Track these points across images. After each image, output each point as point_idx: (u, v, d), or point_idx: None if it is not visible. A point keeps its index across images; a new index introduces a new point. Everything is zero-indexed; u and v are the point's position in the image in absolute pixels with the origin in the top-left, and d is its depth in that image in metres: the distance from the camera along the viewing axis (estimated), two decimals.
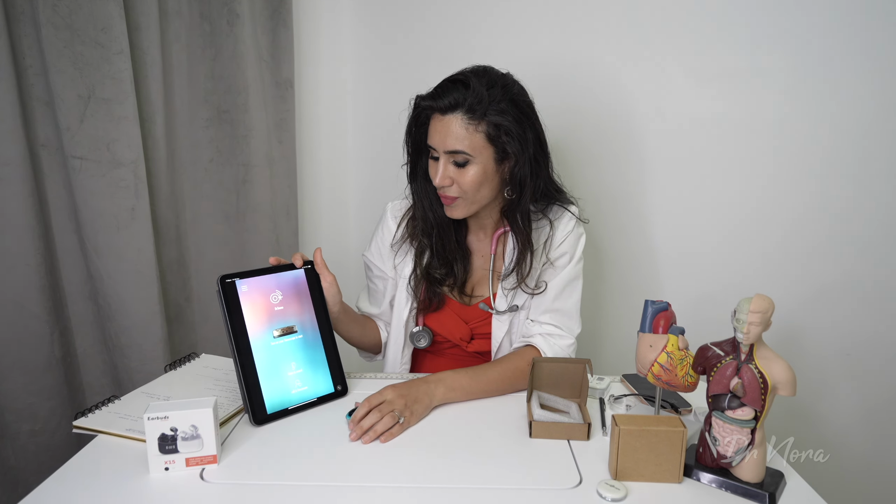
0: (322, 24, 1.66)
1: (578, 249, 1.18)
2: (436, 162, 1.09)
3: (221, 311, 0.96)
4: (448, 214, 1.14)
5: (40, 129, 1.20)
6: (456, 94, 1.03)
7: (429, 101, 1.06)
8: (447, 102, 1.03)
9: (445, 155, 1.06)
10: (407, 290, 1.20)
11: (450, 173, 1.07)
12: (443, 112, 1.04)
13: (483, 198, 1.11)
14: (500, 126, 1.04)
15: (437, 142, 1.06)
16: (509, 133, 1.04)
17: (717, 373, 0.80)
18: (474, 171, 1.06)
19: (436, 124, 1.06)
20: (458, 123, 1.03)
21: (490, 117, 1.03)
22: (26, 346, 1.21)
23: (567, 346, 1.15)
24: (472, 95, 1.02)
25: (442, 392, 1.02)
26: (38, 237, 1.20)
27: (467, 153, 1.04)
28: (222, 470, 0.83)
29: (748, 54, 1.39)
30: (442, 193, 1.11)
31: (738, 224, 1.48)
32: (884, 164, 1.37)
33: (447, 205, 1.12)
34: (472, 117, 1.03)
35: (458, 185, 1.07)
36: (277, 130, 1.56)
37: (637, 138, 1.50)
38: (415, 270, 1.19)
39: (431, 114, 1.07)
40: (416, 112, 1.11)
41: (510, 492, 0.78)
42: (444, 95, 1.04)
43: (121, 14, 1.19)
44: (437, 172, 1.07)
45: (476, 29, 1.54)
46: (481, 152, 1.05)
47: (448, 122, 1.04)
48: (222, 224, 1.49)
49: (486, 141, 1.05)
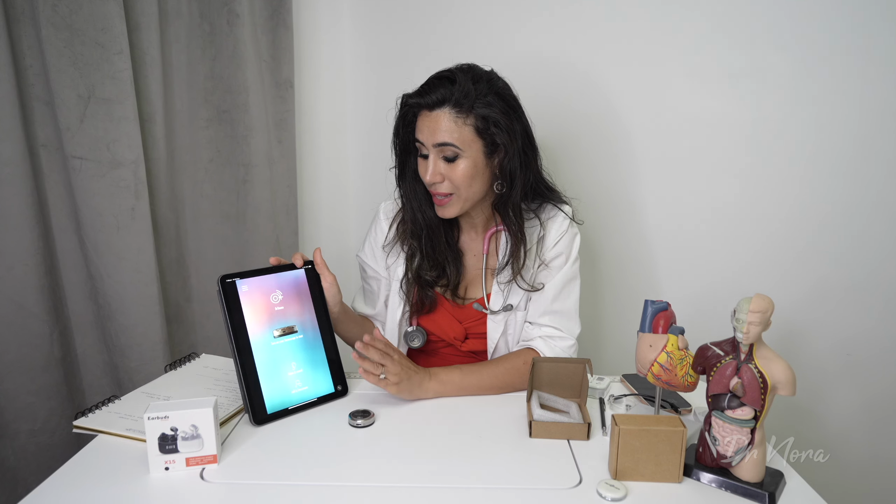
0: (322, 24, 1.66)
1: (574, 249, 1.17)
2: (425, 160, 1.09)
3: (222, 310, 0.96)
4: (440, 214, 1.13)
5: (40, 129, 1.20)
6: (442, 89, 1.04)
7: (416, 98, 1.07)
8: (434, 98, 1.04)
9: (435, 150, 1.06)
10: (399, 293, 1.20)
11: (440, 169, 1.07)
12: (430, 108, 1.05)
13: (475, 193, 1.11)
14: (487, 118, 1.05)
15: (425, 137, 1.06)
16: (497, 124, 1.05)
17: (717, 373, 0.80)
18: (465, 164, 1.06)
19: (424, 120, 1.06)
20: (447, 118, 1.04)
21: (477, 110, 1.04)
22: (26, 345, 1.21)
23: (567, 347, 1.15)
24: (459, 90, 1.04)
25: (434, 386, 1.05)
26: (38, 237, 1.20)
27: (456, 146, 1.05)
28: (222, 470, 0.83)
29: (748, 54, 1.39)
30: (434, 191, 1.10)
31: (738, 223, 1.48)
32: (884, 163, 1.37)
33: (440, 204, 1.12)
34: (459, 111, 1.04)
35: (450, 180, 1.08)
36: (277, 130, 1.56)
37: (635, 138, 1.50)
38: (406, 274, 1.19)
39: (419, 111, 1.08)
40: (403, 111, 1.11)
41: (510, 492, 0.78)
42: (431, 91, 1.05)
43: (121, 14, 1.19)
44: (428, 169, 1.07)
45: (477, 27, 1.54)
46: (470, 146, 1.06)
47: (436, 117, 1.05)
48: (222, 224, 1.49)
49: (474, 134, 1.06)
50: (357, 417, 0.95)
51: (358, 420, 0.95)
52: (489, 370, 1.10)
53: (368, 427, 0.95)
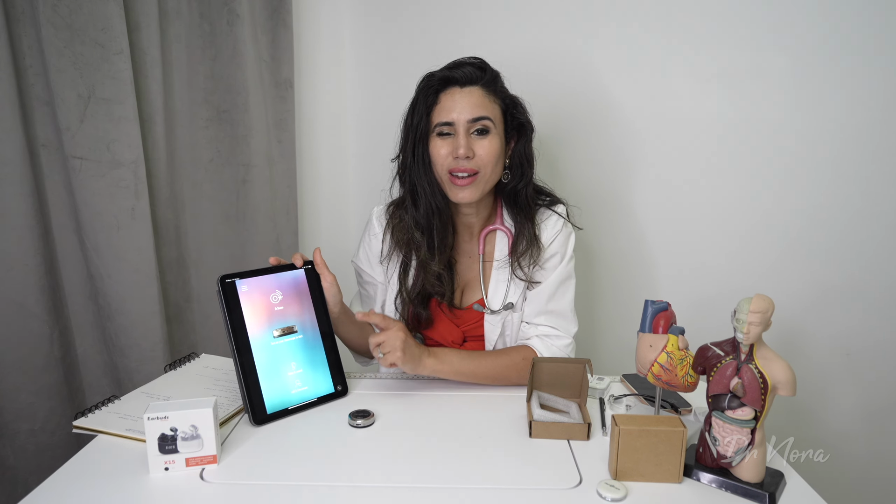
0: (322, 24, 1.66)
1: (569, 249, 1.17)
2: (446, 139, 1.09)
3: (221, 310, 0.96)
4: (460, 198, 1.11)
5: (40, 129, 1.20)
6: (472, 68, 1.09)
7: (447, 72, 1.10)
8: (467, 74, 1.08)
9: (467, 124, 1.08)
10: (395, 304, 1.20)
11: (471, 144, 1.08)
12: (462, 84, 1.08)
13: (494, 177, 1.12)
14: (515, 101, 1.13)
15: (459, 112, 1.08)
16: (518, 108, 1.13)
17: (717, 373, 0.80)
18: (495, 141, 1.09)
19: (455, 97, 1.08)
20: (479, 94, 1.09)
21: (503, 92, 1.13)
22: (26, 345, 1.21)
23: (564, 346, 1.15)
24: (489, 73, 1.10)
25: (432, 363, 1.06)
26: (38, 237, 1.20)
27: (491, 119, 1.08)
28: (222, 470, 0.83)
29: (747, 54, 1.39)
30: (459, 168, 1.08)
31: (738, 223, 1.48)
32: (883, 164, 1.37)
33: (463, 185, 1.09)
34: (488, 91, 1.09)
35: (478, 157, 1.09)
36: (277, 130, 1.56)
37: (635, 138, 1.50)
38: (400, 292, 1.19)
39: (446, 88, 1.09)
40: (427, 89, 1.10)
41: (510, 492, 0.78)
42: (463, 68, 1.09)
43: (121, 14, 1.19)
44: (461, 143, 1.07)
45: (476, 28, 1.55)
46: (497, 124, 1.10)
47: (469, 94, 1.08)
48: (222, 224, 1.49)
49: (501, 114, 1.11)
50: (357, 417, 0.95)
51: (358, 420, 0.95)
52: (487, 360, 1.10)
53: (368, 427, 0.95)
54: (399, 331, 1.02)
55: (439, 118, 1.09)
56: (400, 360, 1.00)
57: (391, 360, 1.00)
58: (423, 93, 1.11)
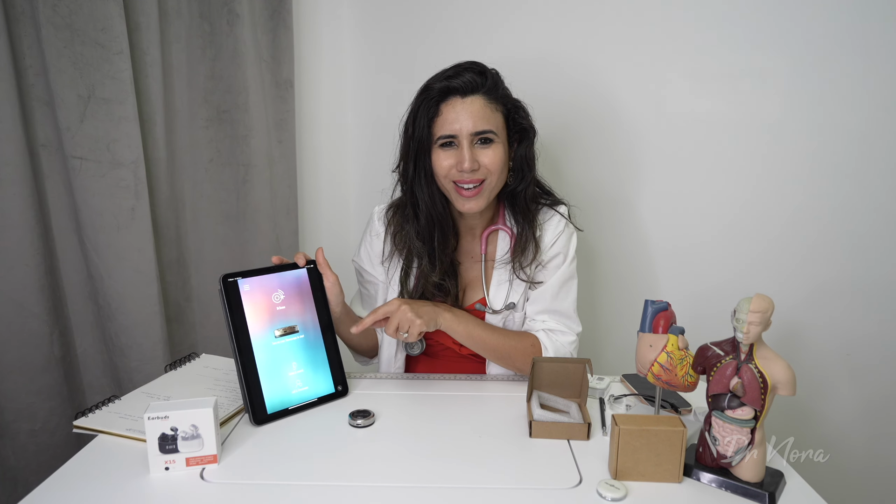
0: (322, 24, 1.66)
1: (571, 249, 1.17)
2: (449, 151, 1.07)
3: (223, 310, 0.96)
4: (468, 208, 1.09)
5: (40, 129, 1.20)
6: (472, 75, 1.05)
7: (444, 83, 1.05)
8: (468, 83, 1.04)
9: (470, 137, 1.05)
10: None
11: (475, 156, 1.06)
12: (463, 94, 1.05)
13: (499, 185, 1.11)
14: (517, 106, 1.09)
15: (462, 124, 1.04)
16: (520, 111, 1.10)
17: (717, 372, 0.80)
18: (499, 150, 1.08)
19: (456, 108, 1.05)
20: (481, 104, 1.05)
21: (505, 98, 1.09)
22: (26, 345, 1.21)
23: (569, 342, 1.15)
24: (490, 79, 1.06)
25: (449, 317, 1.08)
26: (38, 237, 1.20)
27: (494, 131, 1.06)
28: (222, 470, 0.83)
29: (747, 54, 1.39)
30: (466, 180, 1.07)
31: (737, 223, 1.48)
32: (882, 163, 1.37)
33: (470, 196, 1.08)
34: (490, 98, 1.06)
35: (483, 166, 1.07)
36: (277, 130, 1.56)
37: (635, 138, 1.50)
38: (401, 293, 1.18)
39: (447, 98, 1.06)
40: (427, 100, 1.07)
41: (510, 492, 0.78)
42: (462, 76, 1.05)
43: (121, 14, 1.19)
44: (465, 156, 1.04)
45: (477, 28, 1.55)
46: (500, 133, 1.08)
47: (471, 103, 1.05)
48: (222, 224, 1.49)
49: (503, 121, 1.09)
50: (357, 417, 0.95)
51: (358, 420, 0.95)
52: (498, 334, 1.12)
53: (368, 427, 0.95)
54: (399, 305, 1.03)
55: (441, 131, 1.06)
56: (423, 327, 1.02)
57: (416, 332, 1.02)
58: (424, 104, 1.07)
